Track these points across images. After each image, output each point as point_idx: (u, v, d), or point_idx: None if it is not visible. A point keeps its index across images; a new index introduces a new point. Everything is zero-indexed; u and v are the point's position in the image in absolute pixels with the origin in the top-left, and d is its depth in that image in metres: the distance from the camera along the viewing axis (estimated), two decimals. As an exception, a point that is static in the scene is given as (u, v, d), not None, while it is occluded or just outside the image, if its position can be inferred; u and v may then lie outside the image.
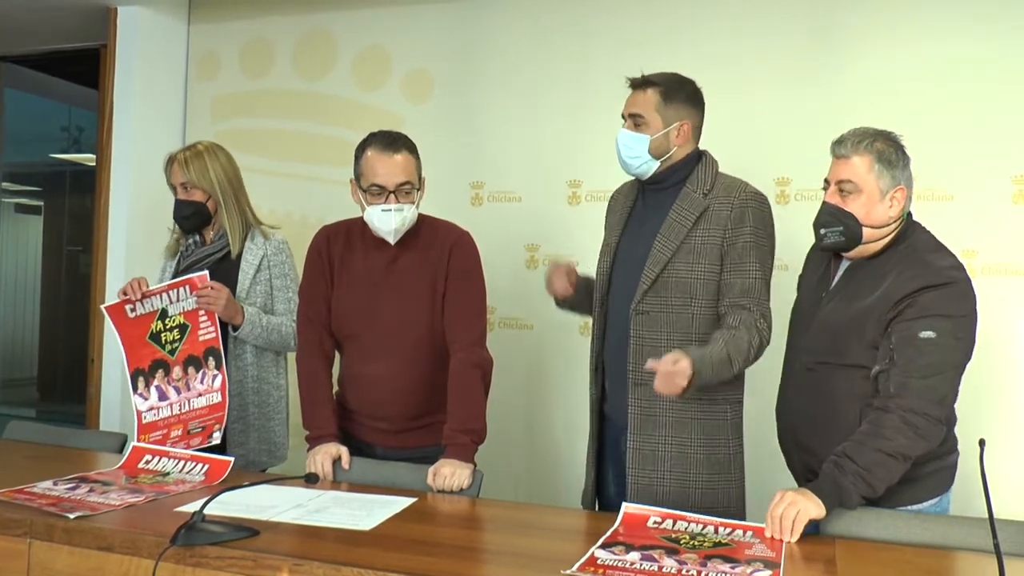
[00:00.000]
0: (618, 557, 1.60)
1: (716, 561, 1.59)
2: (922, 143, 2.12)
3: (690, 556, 1.61)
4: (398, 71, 3.72)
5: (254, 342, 2.66)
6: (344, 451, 2.29)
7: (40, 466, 2.25)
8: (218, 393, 2.57)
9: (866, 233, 2.00)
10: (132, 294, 2.57)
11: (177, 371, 2.59)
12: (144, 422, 2.57)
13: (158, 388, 2.59)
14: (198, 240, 2.76)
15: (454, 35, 3.63)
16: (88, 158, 6.43)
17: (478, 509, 2.10)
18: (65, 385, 7.40)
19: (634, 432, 2.20)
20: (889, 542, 1.82)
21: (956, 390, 1.95)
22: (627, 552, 1.63)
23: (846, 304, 2.04)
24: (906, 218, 2.06)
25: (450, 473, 2.16)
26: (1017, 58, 2.91)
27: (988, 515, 1.47)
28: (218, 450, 2.50)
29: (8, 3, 3.91)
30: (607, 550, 1.64)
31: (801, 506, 1.78)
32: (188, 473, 2.22)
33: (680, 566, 1.55)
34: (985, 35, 2.94)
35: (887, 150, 2.00)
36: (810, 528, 1.80)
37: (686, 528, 1.80)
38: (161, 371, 2.60)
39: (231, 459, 2.25)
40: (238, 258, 2.71)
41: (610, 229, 2.39)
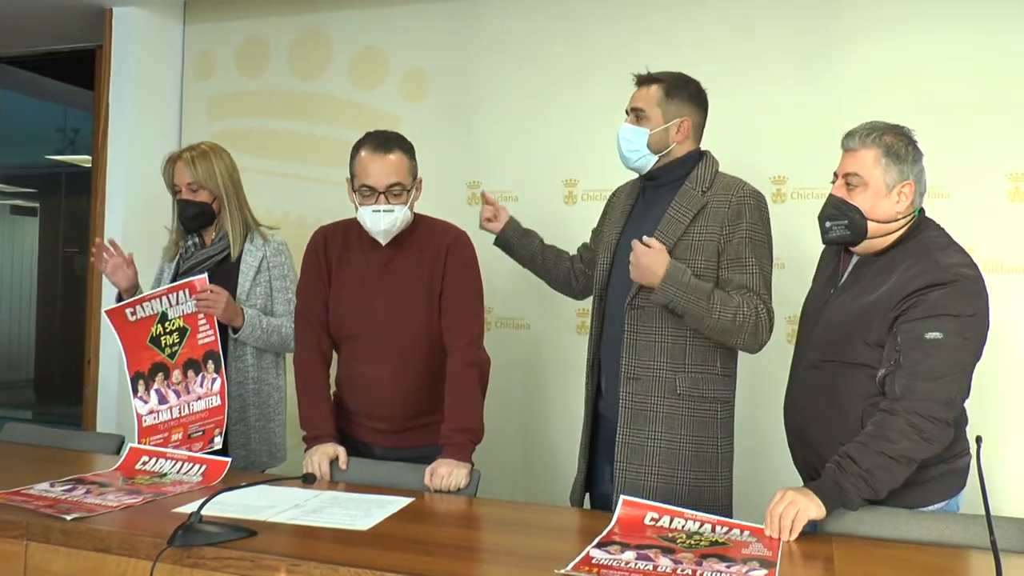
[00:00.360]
0: (613, 556, 1.59)
1: (712, 560, 1.59)
2: (919, 141, 2.12)
3: (686, 555, 1.61)
4: (394, 71, 3.71)
5: (254, 344, 2.66)
6: (341, 451, 2.29)
7: (37, 468, 2.24)
8: (217, 397, 2.57)
9: (871, 227, 1.98)
10: (103, 252, 2.67)
11: (177, 374, 2.59)
12: (144, 425, 2.58)
13: (158, 392, 2.59)
14: (197, 242, 2.75)
15: (450, 35, 3.63)
16: (84, 159, 6.42)
17: (475, 509, 2.10)
18: (61, 387, 7.39)
19: (624, 426, 2.21)
20: (887, 540, 1.82)
21: (965, 391, 1.91)
22: (623, 551, 1.62)
23: (852, 301, 2.02)
24: (917, 214, 2.03)
25: (447, 473, 2.16)
26: (1013, 56, 2.91)
27: (985, 512, 1.47)
28: (219, 452, 2.50)
29: (3, 4, 3.90)
30: (603, 549, 1.64)
31: (801, 506, 1.78)
32: (185, 474, 2.22)
33: (675, 565, 1.55)
34: (980, 34, 2.94)
35: (896, 144, 1.98)
36: (808, 527, 1.80)
37: (683, 526, 1.80)
38: (161, 374, 2.60)
39: (228, 460, 2.24)
40: (238, 260, 2.71)
41: (610, 225, 2.41)
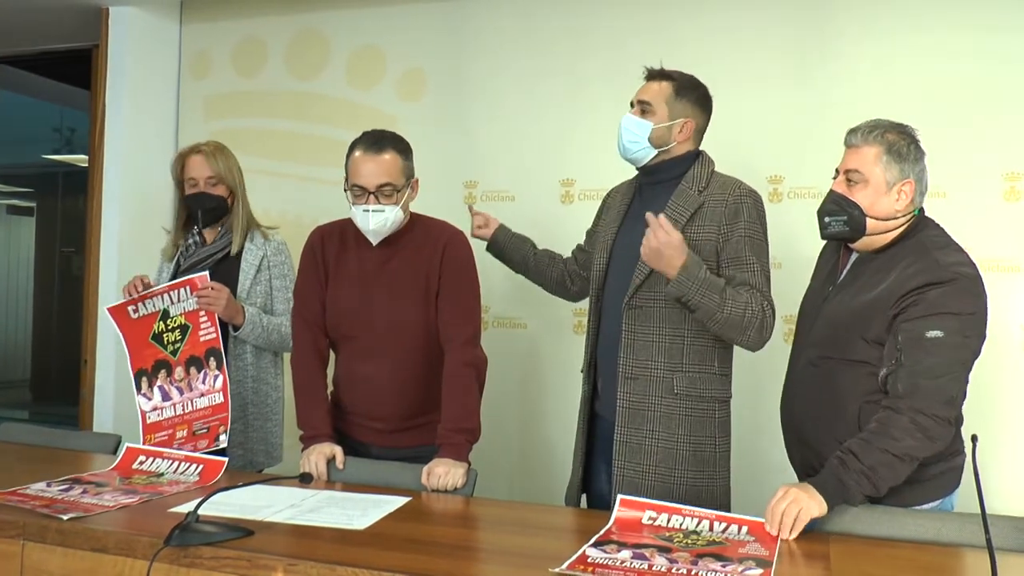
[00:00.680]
0: (609, 555, 1.60)
1: (708, 559, 1.59)
2: (921, 141, 2.12)
3: (682, 555, 1.61)
4: (391, 71, 3.71)
5: (254, 342, 2.67)
6: (338, 451, 2.29)
7: (33, 468, 2.24)
8: (219, 394, 2.57)
9: (870, 224, 1.99)
10: (132, 291, 2.59)
11: (179, 371, 2.59)
12: (148, 422, 2.59)
13: (161, 388, 2.60)
14: (198, 240, 2.76)
15: (447, 34, 3.63)
16: (80, 159, 6.40)
17: (472, 508, 2.10)
18: (58, 387, 7.37)
19: (621, 425, 2.21)
20: (883, 539, 1.82)
21: (964, 389, 1.92)
22: (619, 550, 1.63)
23: (851, 298, 2.03)
24: (917, 213, 2.04)
25: (444, 472, 2.17)
26: (1009, 56, 2.92)
27: (980, 510, 1.48)
28: (217, 451, 2.50)
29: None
30: (599, 548, 1.64)
31: (804, 505, 1.77)
32: (182, 474, 2.21)
33: (671, 564, 1.55)
34: (977, 33, 2.95)
35: (898, 142, 1.99)
36: (811, 525, 1.79)
37: (681, 524, 1.80)
38: (164, 371, 2.60)
39: (225, 460, 2.24)
40: (238, 258, 2.72)
41: (605, 225, 2.41)
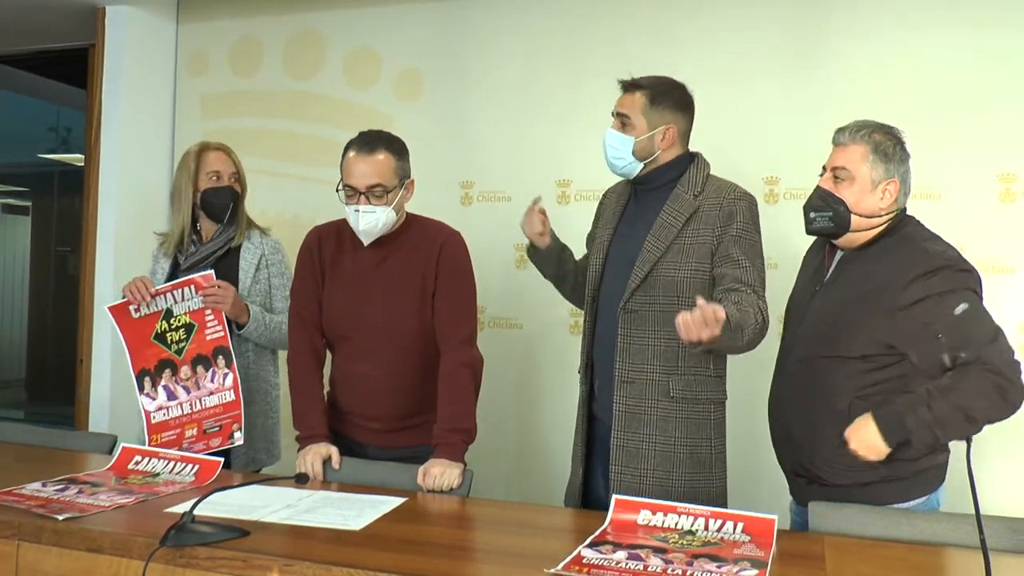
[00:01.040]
0: (604, 556, 1.60)
1: (703, 560, 1.59)
2: (910, 142, 2.14)
3: (677, 555, 1.62)
4: (388, 71, 3.71)
5: (257, 340, 2.68)
6: (334, 451, 2.29)
7: (29, 468, 2.24)
8: (231, 391, 2.58)
9: (855, 221, 2.04)
10: (138, 296, 2.58)
11: (185, 370, 2.59)
12: (154, 422, 2.59)
13: (166, 388, 2.59)
14: (195, 239, 2.76)
15: (444, 35, 3.63)
16: (76, 158, 6.39)
17: (468, 508, 2.10)
18: (54, 386, 7.35)
19: (618, 429, 2.21)
20: (878, 539, 1.83)
21: None
22: (614, 551, 1.63)
23: (840, 294, 2.06)
24: (900, 212, 2.08)
25: (440, 473, 2.17)
26: (1004, 57, 2.93)
27: (975, 511, 1.48)
28: (219, 451, 2.51)
29: (-4, 3, 3.90)
30: (594, 549, 1.64)
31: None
32: (178, 474, 2.21)
33: (666, 565, 1.56)
34: (972, 34, 2.96)
35: (885, 142, 2.04)
36: (800, 525, 1.81)
37: (676, 523, 1.81)
38: (168, 371, 2.60)
39: (221, 460, 2.24)
40: (238, 256, 2.73)
41: (601, 227, 2.41)
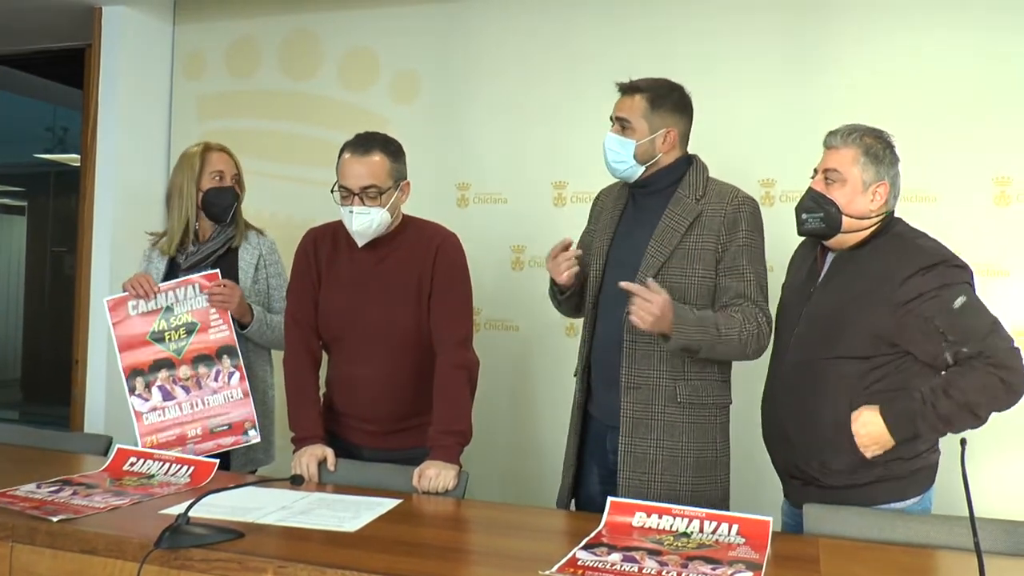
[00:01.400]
0: (599, 558, 1.60)
1: (698, 562, 1.59)
2: (905, 145, 2.16)
3: (672, 557, 1.62)
4: (385, 72, 3.71)
5: (259, 340, 2.69)
6: (330, 453, 2.29)
7: (23, 469, 2.23)
8: (238, 390, 2.59)
9: (846, 222, 2.07)
10: (141, 292, 2.58)
11: (184, 370, 2.59)
12: (146, 423, 2.57)
13: (162, 388, 2.58)
14: (192, 239, 2.75)
15: (441, 36, 3.63)
16: (73, 158, 6.39)
17: (463, 510, 2.10)
18: (49, 387, 7.35)
19: (626, 435, 2.21)
20: (873, 541, 1.83)
21: None
22: (609, 553, 1.63)
23: (836, 294, 2.09)
24: (888, 214, 2.12)
25: (435, 475, 2.17)
26: (1000, 60, 2.93)
27: (969, 514, 1.49)
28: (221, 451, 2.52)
29: (-9, 3, 3.89)
30: (589, 551, 1.64)
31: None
32: (173, 475, 2.21)
33: (661, 567, 1.56)
34: (969, 38, 2.96)
35: (875, 146, 2.08)
36: (794, 528, 1.81)
37: (671, 525, 1.81)
38: (164, 370, 2.59)
39: (216, 461, 2.24)
40: (236, 256, 2.73)
41: (599, 231, 2.39)
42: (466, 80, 3.59)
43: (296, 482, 2.05)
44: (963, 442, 1.53)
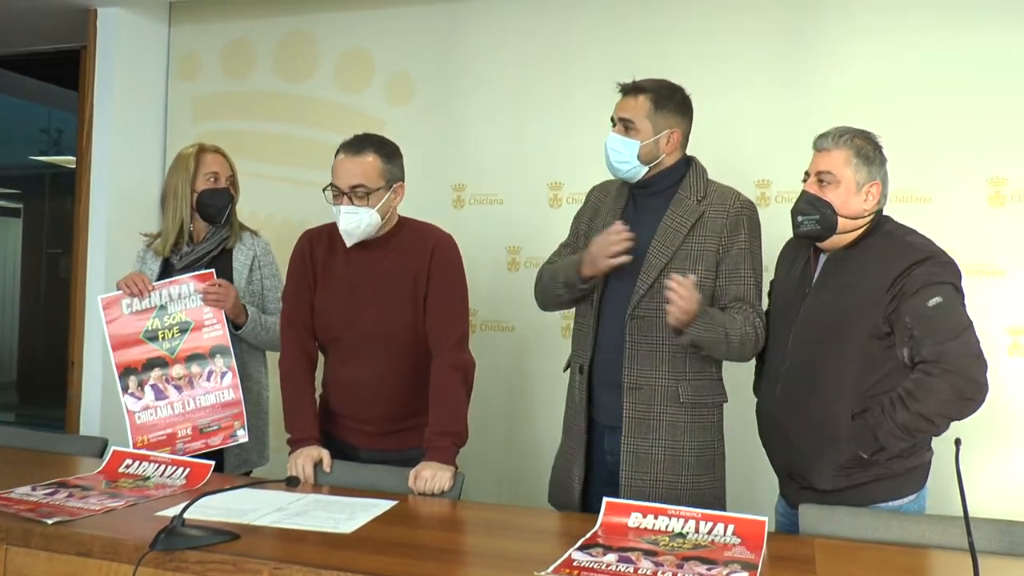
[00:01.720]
0: (595, 559, 1.60)
1: (693, 563, 1.60)
2: (900, 146, 2.18)
3: (668, 558, 1.62)
4: (380, 73, 3.71)
5: (253, 341, 2.69)
6: (325, 454, 2.29)
7: (18, 471, 2.23)
8: (230, 390, 2.59)
9: (841, 223, 2.10)
10: (135, 290, 2.57)
11: (177, 369, 2.59)
12: (139, 422, 2.57)
13: (154, 387, 2.58)
14: (187, 240, 2.75)
15: (436, 37, 3.63)
16: (68, 160, 6.37)
17: (459, 511, 2.10)
18: (45, 389, 7.33)
19: (628, 435, 2.22)
20: (868, 541, 1.83)
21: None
22: (605, 554, 1.63)
23: (832, 295, 2.11)
24: (878, 214, 2.15)
25: (431, 476, 2.17)
26: (994, 61, 2.94)
27: (963, 514, 1.49)
28: (209, 454, 2.51)
29: (-13, 5, 3.89)
30: (585, 552, 1.65)
31: None
32: (169, 477, 2.21)
33: (656, 568, 1.56)
34: (963, 39, 2.97)
35: (865, 147, 2.11)
36: (788, 526, 1.81)
37: (667, 526, 1.81)
38: (158, 369, 2.59)
39: (212, 463, 2.24)
40: (230, 257, 2.73)
41: (598, 230, 2.37)
42: (461, 81, 3.59)
43: (292, 484, 2.05)
44: (958, 442, 1.53)
